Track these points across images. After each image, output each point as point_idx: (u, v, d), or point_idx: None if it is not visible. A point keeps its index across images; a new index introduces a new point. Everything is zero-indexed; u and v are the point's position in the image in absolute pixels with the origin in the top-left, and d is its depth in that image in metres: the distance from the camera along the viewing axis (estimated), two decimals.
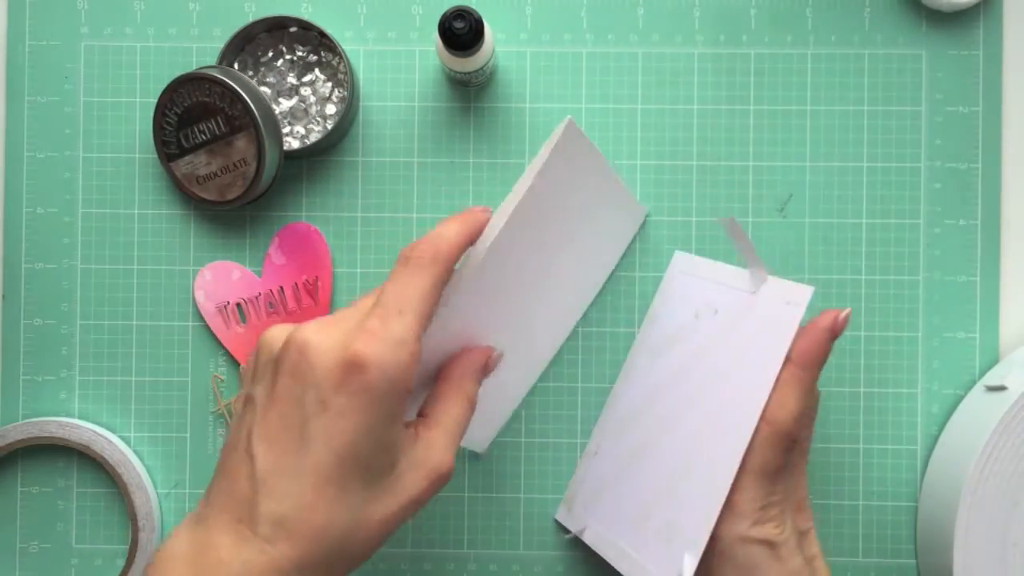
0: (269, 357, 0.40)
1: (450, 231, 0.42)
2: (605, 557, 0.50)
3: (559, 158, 0.43)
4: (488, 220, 0.44)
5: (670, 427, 0.48)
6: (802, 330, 0.45)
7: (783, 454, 0.44)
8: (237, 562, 0.38)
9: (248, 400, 0.41)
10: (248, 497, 0.38)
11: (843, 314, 0.45)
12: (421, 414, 0.42)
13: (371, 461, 0.39)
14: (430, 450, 0.41)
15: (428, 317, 0.40)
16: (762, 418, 0.44)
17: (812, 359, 0.44)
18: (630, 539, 0.48)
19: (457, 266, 0.42)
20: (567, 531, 0.54)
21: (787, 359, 0.44)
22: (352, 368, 0.38)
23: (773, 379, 0.44)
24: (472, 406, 0.43)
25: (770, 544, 0.44)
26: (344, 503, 0.38)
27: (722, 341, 0.47)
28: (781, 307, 0.45)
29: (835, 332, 0.45)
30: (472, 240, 0.43)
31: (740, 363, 0.46)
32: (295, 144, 0.55)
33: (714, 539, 0.45)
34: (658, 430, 0.49)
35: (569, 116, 0.42)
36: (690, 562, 0.44)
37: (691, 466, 0.46)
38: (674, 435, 0.48)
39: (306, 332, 0.39)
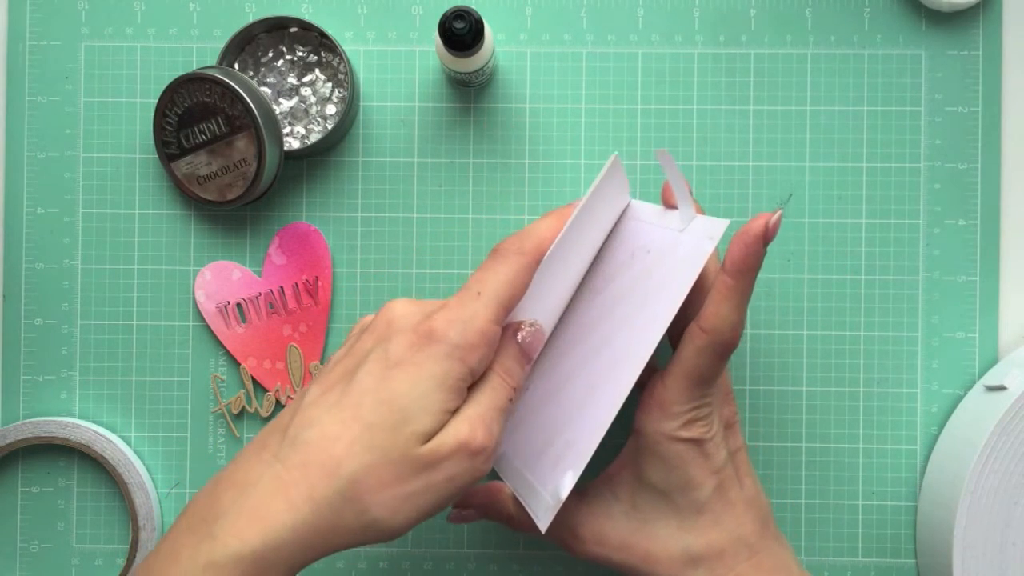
0: (361, 328, 0.44)
1: (541, 225, 0.44)
2: (507, 483, 0.50)
3: (602, 194, 0.46)
4: None
5: (587, 361, 0.48)
6: (734, 237, 0.43)
7: (720, 362, 0.44)
8: (248, 481, 0.39)
9: (328, 361, 0.43)
10: (284, 425, 0.40)
11: (774, 217, 0.43)
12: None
13: (408, 415, 0.39)
14: (459, 420, 0.40)
15: (508, 302, 0.42)
16: (700, 328, 0.44)
17: (745, 266, 0.43)
18: (531, 464, 0.48)
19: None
20: None
21: (721, 270, 0.44)
22: (423, 335, 0.40)
23: (674, 309, 0.43)
24: (510, 380, 0.43)
25: (697, 442, 0.45)
26: (365, 442, 0.38)
27: (647, 277, 0.47)
28: (699, 241, 0.44)
29: (768, 237, 0.43)
30: None
31: (656, 296, 0.46)
32: (295, 144, 0.55)
33: (641, 435, 0.45)
34: (578, 365, 0.49)
35: (615, 154, 0.45)
36: (569, 480, 0.44)
37: (595, 394, 0.47)
38: (589, 368, 0.48)
39: (398, 302, 0.42)
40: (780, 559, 0.46)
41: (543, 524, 0.46)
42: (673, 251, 0.46)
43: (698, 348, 0.44)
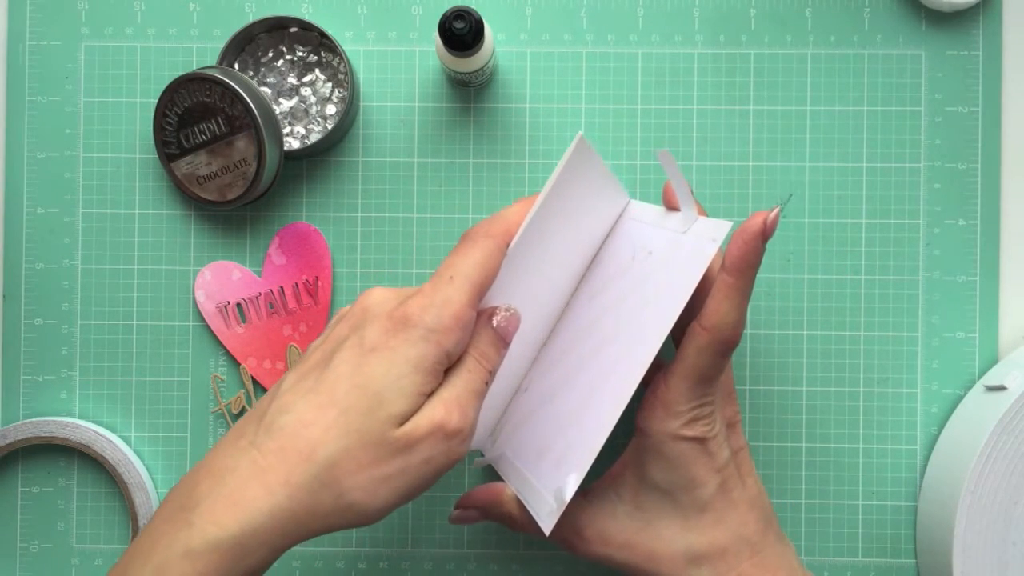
0: (339, 318, 0.43)
1: (509, 211, 0.44)
2: (508, 483, 0.50)
3: (571, 173, 0.44)
4: None
5: (587, 362, 0.49)
6: (733, 236, 0.44)
7: (721, 360, 0.44)
8: (225, 467, 0.39)
9: (306, 350, 0.43)
10: (261, 412, 0.40)
11: (772, 214, 0.43)
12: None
13: (383, 398, 0.39)
14: (434, 403, 0.40)
15: (480, 285, 0.42)
16: (701, 326, 0.44)
17: (745, 264, 0.43)
18: (532, 466, 0.48)
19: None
20: (481, 455, 0.54)
21: (721, 268, 0.44)
22: (399, 320, 0.40)
23: (678, 311, 0.43)
24: (485, 364, 0.43)
25: (700, 440, 0.45)
26: (341, 427, 0.39)
27: (649, 279, 0.47)
28: (702, 243, 0.44)
29: (766, 234, 0.43)
30: None
31: (658, 298, 0.46)
32: (295, 144, 0.55)
33: (645, 435, 0.45)
34: (578, 366, 0.49)
35: (580, 132, 0.44)
36: (573, 482, 0.44)
37: (597, 396, 0.47)
38: (589, 369, 0.48)
39: (375, 290, 0.42)
40: (782, 558, 0.46)
41: (546, 527, 0.46)
42: (675, 253, 0.46)
43: (700, 346, 0.44)
